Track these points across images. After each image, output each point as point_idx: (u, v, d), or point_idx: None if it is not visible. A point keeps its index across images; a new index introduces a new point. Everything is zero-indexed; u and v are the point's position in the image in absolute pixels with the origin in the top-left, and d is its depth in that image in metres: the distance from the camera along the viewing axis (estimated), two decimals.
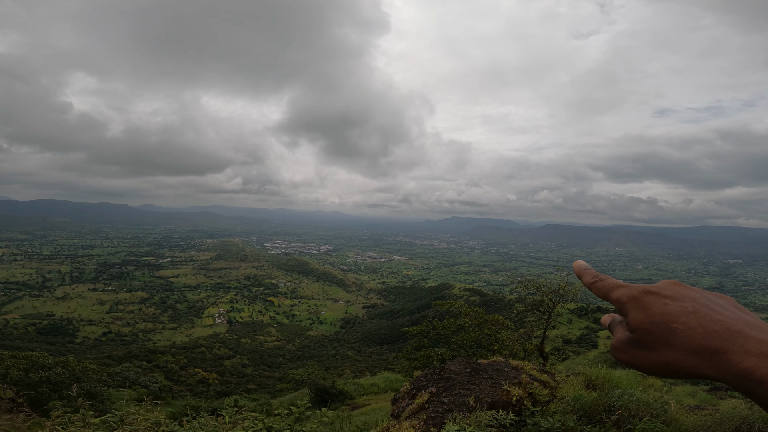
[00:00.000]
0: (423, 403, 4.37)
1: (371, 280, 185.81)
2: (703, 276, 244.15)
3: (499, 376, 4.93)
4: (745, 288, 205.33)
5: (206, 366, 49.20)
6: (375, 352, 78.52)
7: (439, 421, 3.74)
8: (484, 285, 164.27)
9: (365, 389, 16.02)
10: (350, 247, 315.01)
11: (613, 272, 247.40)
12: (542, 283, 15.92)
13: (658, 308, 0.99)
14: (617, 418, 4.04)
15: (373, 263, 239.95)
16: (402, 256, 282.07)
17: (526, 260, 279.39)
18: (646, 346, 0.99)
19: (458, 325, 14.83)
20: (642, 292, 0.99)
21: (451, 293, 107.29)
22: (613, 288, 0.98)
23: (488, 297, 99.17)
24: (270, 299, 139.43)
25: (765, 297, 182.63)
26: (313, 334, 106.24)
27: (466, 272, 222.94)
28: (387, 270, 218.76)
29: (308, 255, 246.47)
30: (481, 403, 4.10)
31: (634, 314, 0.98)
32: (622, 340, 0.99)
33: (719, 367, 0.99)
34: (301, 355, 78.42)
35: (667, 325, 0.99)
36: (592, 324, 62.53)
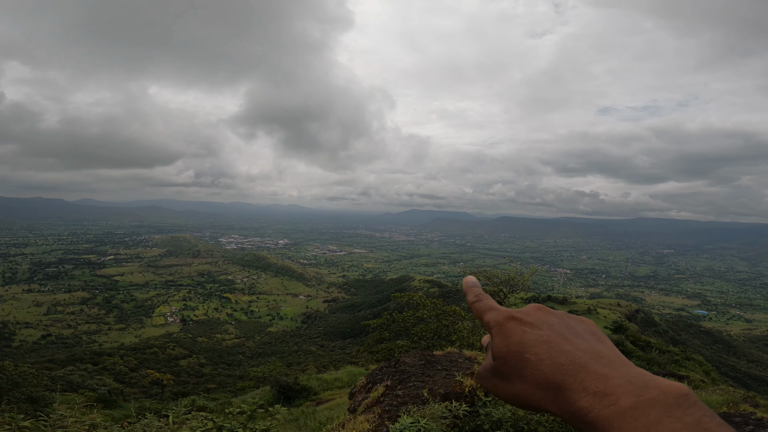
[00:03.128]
0: (378, 396, 4.32)
1: (332, 273, 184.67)
2: (639, 265, 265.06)
3: (452, 367, 4.92)
4: (678, 276, 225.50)
5: (160, 367, 47.12)
6: (338, 347, 78.49)
7: (394, 414, 3.71)
8: (443, 277, 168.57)
9: (329, 384, 15.87)
10: (310, 241, 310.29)
11: (560, 262, 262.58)
12: (494, 273, 16.50)
13: (516, 336, 0.92)
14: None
15: (334, 257, 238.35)
16: (362, 249, 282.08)
17: (482, 252, 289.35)
18: (503, 375, 0.92)
19: (418, 317, 14.98)
20: (506, 318, 0.92)
21: (411, 285, 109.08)
22: (486, 310, 0.92)
23: (447, 288, 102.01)
24: (226, 296, 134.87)
25: (695, 285, 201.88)
26: (273, 330, 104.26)
27: (425, 264, 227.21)
28: (347, 263, 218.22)
29: (266, 249, 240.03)
30: (435, 395, 4.10)
31: (496, 341, 0.92)
32: (486, 367, 0.92)
33: (559, 404, 0.92)
34: (261, 352, 77.00)
35: (522, 355, 0.92)
36: None
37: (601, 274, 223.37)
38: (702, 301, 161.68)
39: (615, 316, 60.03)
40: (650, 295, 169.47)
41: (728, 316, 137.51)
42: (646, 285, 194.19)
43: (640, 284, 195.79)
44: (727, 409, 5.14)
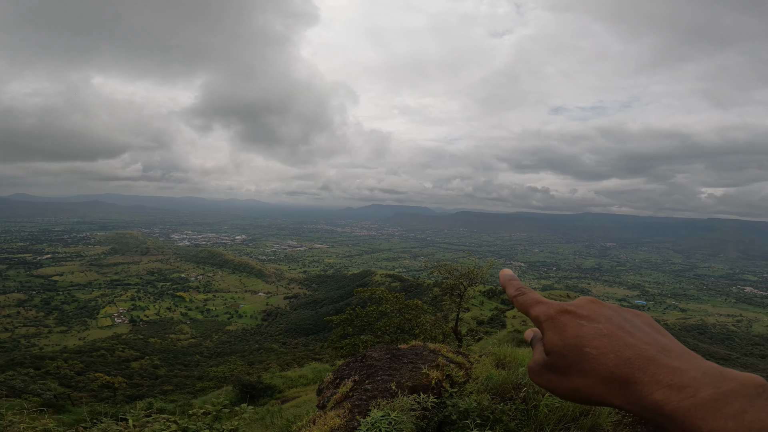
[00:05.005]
0: (347, 391, 4.31)
1: (292, 269, 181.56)
2: (586, 258, 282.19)
3: (418, 360, 4.94)
4: (619, 268, 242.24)
5: (109, 370, 45.16)
6: (301, 343, 77.78)
7: (364, 409, 3.73)
8: (404, 271, 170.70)
9: (294, 381, 15.78)
10: (269, 236, 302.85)
11: (514, 255, 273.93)
12: (454, 267, 16.83)
13: (572, 330, 0.92)
14: (524, 395, 4.34)
15: (294, 252, 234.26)
16: (323, 244, 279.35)
17: (442, 246, 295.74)
18: (559, 370, 0.91)
19: (380, 312, 15.04)
20: (558, 311, 0.92)
21: (373, 280, 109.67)
22: (532, 304, 0.92)
23: (408, 282, 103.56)
24: (180, 294, 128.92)
25: (635, 276, 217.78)
26: (232, 328, 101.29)
27: (386, 259, 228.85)
28: (308, 259, 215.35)
29: (222, 246, 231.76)
30: (403, 388, 4.12)
31: (549, 335, 0.92)
32: (538, 362, 0.92)
33: (629, 398, 0.91)
34: (221, 351, 74.78)
35: (581, 349, 0.91)
36: (500, 305, 69.05)
37: (552, 266, 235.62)
38: (641, 291, 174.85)
39: None
40: (596, 286, 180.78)
41: (665, 305, 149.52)
42: (591, 277, 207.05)
43: (586, 276, 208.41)
44: None
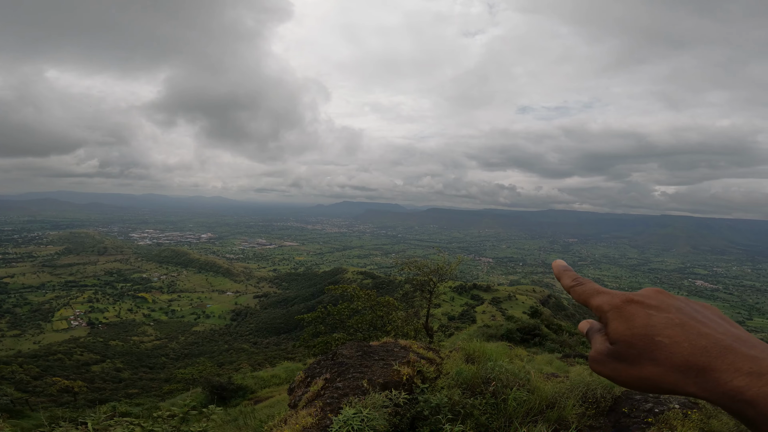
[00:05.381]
0: (318, 390, 4.34)
1: (261, 268, 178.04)
2: (550, 253, 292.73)
3: (389, 356, 5.00)
4: (581, 263, 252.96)
5: (68, 374, 43.98)
6: (272, 343, 76.87)
7: (336, 407, 3.75)
8: (376, 268, 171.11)
9: (266, 381, 15.61)
10: (236, 235, 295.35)
11: (483, 251, 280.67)
12: (424, 263, 16.99)
13: (641, 319, 0.93)
14: (493, 389, 4.49)
15: (263, 250, 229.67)
16: (293, 241, 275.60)
17: (413, 242, 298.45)
18: (626, 359, 0.92)
19: (352, 309, 15.05)
20: (624, 301, 0.93)
21: (344, 277, 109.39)
22: (593, 294, 0.93)
23: (380, 279, 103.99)
24: (142, 295, 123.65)
25: (594, 270, 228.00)
26: (200, 329, 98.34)
27: (358, 256, 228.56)
28: (278, 257, 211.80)
29: (187, 244, 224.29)
30: (375, 385, 4.16)
31: (615, 325, 0.92)
32: (602, 352, 0.92)
33: (705, 385, 0.93)
34: (188, 353, 72.63)
35: (651, 338, 0.92)
36: (470, 300, 70.65)
37: (518, 262, 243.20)
38: (601, 285, 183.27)
39: (532, 302, 65.95)
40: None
41: None
42: None
43: (550, 271, 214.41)
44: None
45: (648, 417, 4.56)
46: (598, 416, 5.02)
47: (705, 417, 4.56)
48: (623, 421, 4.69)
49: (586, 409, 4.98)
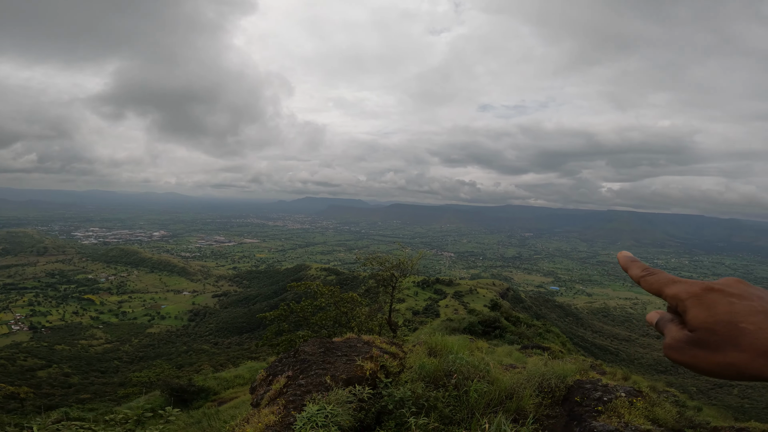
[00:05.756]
0: (281, 388, 4.31)
1: (220, 266, 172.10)
2: (507, 247, 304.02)
3: (352, 352, 5.01)
4: (536, 256, 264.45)
5: (12, 380, 41.28)
6: (235, 342, 75.01)
7: (299, 404, 3.74)
8: (340, 264, 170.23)
9: (230, 382, 15.32)
10: (192, 232, 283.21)
11: (445, 246, 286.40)
12: (386, 258, 17.10)
13: (723, 306, 0.94)
14: (455, 382, 4.61)
15: (222, 248, 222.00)
16: (254, 238, 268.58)
17: (377, 238, 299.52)
18: (708, 346, 0.93)
19: (316, 306, 15.00)
20: (704, 289, 0.94)
21: (308, 274, 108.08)
22: (668, 283, 0.93)
23: (344, 276, 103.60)
24: (88, 297, 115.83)
25: (549, 264, 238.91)
26: (155, 331, 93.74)
27: (321, 252, 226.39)
28: (238, 254, 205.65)
29: (137, 243, 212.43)
30: (338, 381, 4.19)
31: (695, 312, 0.93)
32: (680, 340, 0.93)
33: None
34: (143, 355, 69.41)
35: (735, 325, 0.94)
36: (434, 295, 71.91)
37: (479, 256, 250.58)
38: (555, 278, 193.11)
39: (492, 295, 68.37)
40: (517, 274, 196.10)
41: (574, 291, 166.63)
42: (513, 265, 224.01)
43: (509, 265, 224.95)
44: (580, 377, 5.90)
45: (598, 405, 4.79)
46: (554, 405, 5.27)
47: (649, 405, 4.90)
48: (576, 409, 4.89)
49: (542, 398, 5.21)
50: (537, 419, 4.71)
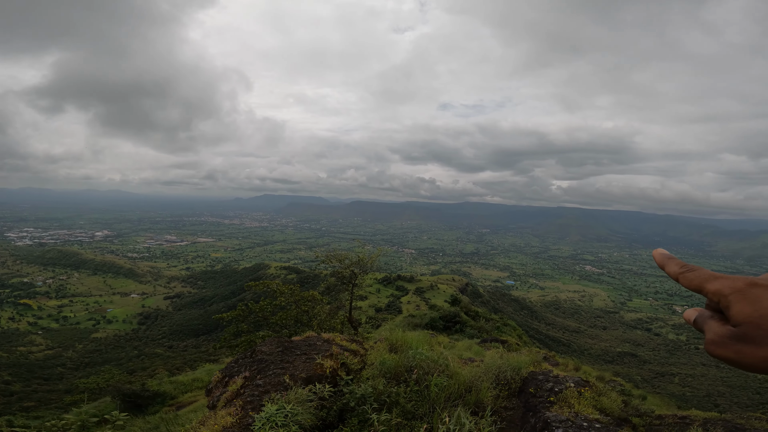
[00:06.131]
0: (237, 389, 4.26)
1: (172, 267, 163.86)
2: (466, 243, 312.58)
3: (312, 351, 5.00)
4: (493, 252, 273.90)
5: None
6: (191, 345, 72.18)
7: (257, 404, 3.70)
8: (300, 262, 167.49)
9: (188, 386, 14.83)
10: (140, 232, 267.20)
11: (406, 243, 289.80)
12: (346, 255, 16.91)
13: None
14: (416, 377, 4.67)
15: (173, 248, 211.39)
16: (208, 237, 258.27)
17: (338, 235, 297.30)
18: (753, 341, 0.93)
19: (276, 305, 14.72)
20: (748, 284, 0.93)
21: (267, 273, 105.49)
22: (709, 279, 0.93)
23: (305, 274, 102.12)
24: (25, 302, 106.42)
25: (504, 259, 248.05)
26: (101, 335, 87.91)
27: (281, 251, 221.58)
28: (191, 254, 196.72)
29: (77, 244, 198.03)
30: (297, 380, 4.17)
31: (739, 307, 0.93)
32: (722, 335, 0.93)
33: None
34: (90, 361, 65.29)
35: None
36: (396, 291, 72.52)
37: (439, 252, 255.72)
38: (510, 272, 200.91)
39: (452, 290, 69.99)
40: (475, 269, 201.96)
41: (528, 285, 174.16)
42: (471, 260, 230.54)
43: (467, 260, 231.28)
44: (534, 369, 6.18)
45: (550, 396, 5.00)
46: (511, 397, 5.51)
47: (596, 395, 5.21)
48: (531, 400, 5.09)
49: (499, 391, 5.44)
50: (495, 411, 4.86)
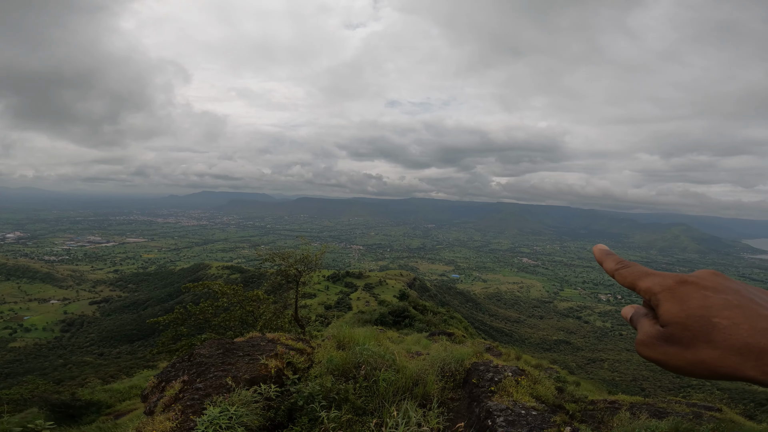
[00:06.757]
0: (176, 393, 4.14)
1: (97, 270, 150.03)
2: (413, 238, 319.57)
3: (255, 351, 4.92)
4: (438, 246, 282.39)
5: None
6: (125, 351, 67.17)
7: (199, 408, 3.61)
8: (244, 261, 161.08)
9: (125, 394, 14.20)
10: (57, 232, 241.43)
11: (354, 239, 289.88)
12: (289, 253, 16.50)
13: (697, 300, 0.88)
14: (365, 372, 4.73)
15: (98, 249, 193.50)
16: (139, 237, 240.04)
17: (283, 233, 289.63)
18: (680, 342, 0.88)
19: (217, 307, 14.07)
20: (678, 282, 0.88)
21: (208, 274, 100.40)
22: (641, 276, 0.88)
23: (250, 273, 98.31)
24: None
25: (449, 253, 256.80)
26: (19, 345, 78.68)
27: (222, 250, 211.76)
28: (119, 256, 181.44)
29: None
30: (240, 382, 4.10)
31: (668, 306, 0.88)
32: (651, 335, 0.88)
33: (765, 368, 0.88)
34: (9, 372, 58.38)
35: (708, 320, 0.88)
36: (345, 288, 72.19)
37: (386, 248, 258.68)
38: (455, 266, 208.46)
39: (400, 285, 71.10)
40: (422, 263, 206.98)
41: (472, 278, 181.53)
42: (418, 255, 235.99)
43: (414, 255, 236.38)
44: (476, 359, 6.43)
45: (491, 386, 5.26)
46: (456, 388, 5.73)
47: (532, 383, 5.57)
48: (475, 391, 5.32)
49: (445, 383, 5.65)
50: (442, 403, 5.03)
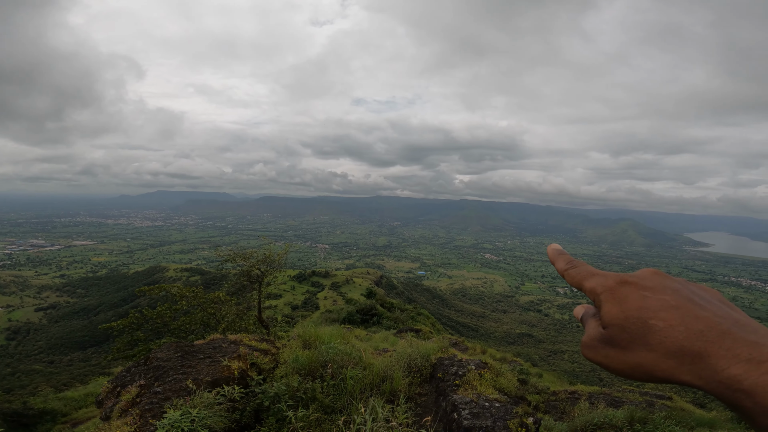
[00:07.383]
0: (133, 398, 4.03)
1: (41, 275, 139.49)
2: (379, 236, 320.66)
3: (217, 353, 4.86)
4: (404, 244, 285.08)
5: None
6: (78, 359, 63.62)
7: (158, 412, 3.52)
8: (204, 263, 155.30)
9: (80, 401, 13.85)
10: None
11: (319, 238, 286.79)
12: (251, 253, 16.13)
13: (635, 301, 0.85)
14: (332, 371, 4.72)
15: (41, 253, 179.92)
16: (87, 240, 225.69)
17: (246, 233, 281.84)
18: (619, 344, 0.85)
19: (176, 310, 13.73)
20: (618, 282, 0.85)
21: (165, 276, 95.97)
22: (586, 276, 0.85)
23: (211, 275, 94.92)
24: None
25: (415, 250, 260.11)
26: None
27: (180, 251, 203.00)
28: (66, 260, 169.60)
29: None
30: (202, 384, 4.04)
31: (608, 307, 0.85)
32: (594, 337, 0.85)
33: (700, 372, 0.85)
34: None
35: (645, 321, 0.85)
36: (311, 287, 71.36)
37: (352, 246, 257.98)
38: (421, 263, 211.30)
39: (367, 284, 71.14)
40: (388, 261, 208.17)
41: (438, 274, 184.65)
42: (384, 253, 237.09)
43: (380, 253, 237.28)
44: (441, 354, 6.55)
45: (456, 380, 5.39)
46: (423, 383, 5.84)
47: (495, 375, 5.78)
48: (441, 385, 5.43)
49: (412, 378, 5.75)
50: (410, 398, 5.12)
